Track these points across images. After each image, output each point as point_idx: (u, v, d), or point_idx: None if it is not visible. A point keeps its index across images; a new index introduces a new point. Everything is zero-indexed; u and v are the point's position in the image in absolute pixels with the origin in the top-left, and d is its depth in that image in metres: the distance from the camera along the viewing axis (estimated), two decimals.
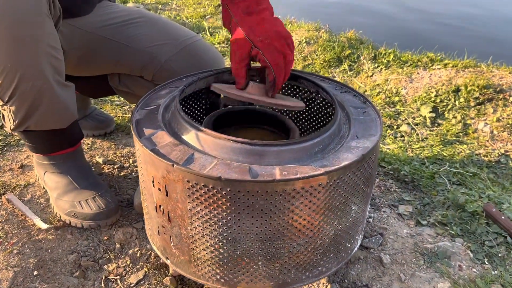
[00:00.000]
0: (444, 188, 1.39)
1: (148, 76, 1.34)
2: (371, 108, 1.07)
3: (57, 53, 1.01)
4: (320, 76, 1.23)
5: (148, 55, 1.31)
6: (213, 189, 0.82)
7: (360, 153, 0.89)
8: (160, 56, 1.30)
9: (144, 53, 1.30)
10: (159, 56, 1.30)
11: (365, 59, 2.34)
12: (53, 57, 1.00)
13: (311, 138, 0.89)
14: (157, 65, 1.31)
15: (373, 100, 2.02)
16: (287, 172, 0.83)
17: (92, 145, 1.58)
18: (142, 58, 1.31)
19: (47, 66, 0.99)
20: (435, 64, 2.14)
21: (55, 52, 1.01)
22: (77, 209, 1.19)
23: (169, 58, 1.31)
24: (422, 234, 1.21)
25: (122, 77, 1.40)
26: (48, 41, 0.97)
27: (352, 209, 0.94)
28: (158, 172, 0.88)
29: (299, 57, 2.47)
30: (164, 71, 1.32)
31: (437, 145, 1.67)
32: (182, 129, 0.93)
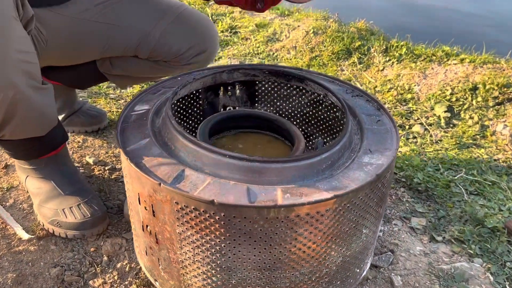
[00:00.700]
0: (460, 198, 1.29)
1: (143, 55, 1.24)
2: (386, 116, 0.96)
3: (29, 56, 0.90)
4: (329, 77, 1.12)
5: (141, 33, 1.20)
6: (205, 213, 0.71)
7: (373, 172, 0.78)
8: (154, 31, 1.20)
9: (135, 31, 1.20)
10: (153, 31, 1.20)
11: (375, 52, 2.21)
12: (24, 62, 0.89)
13: (318, 154, 0.78)
14: (152, 41, 1.21)
15: (384, 97, 1.90)
16: (290, 195, 0.72)
17: (83, 143, 1.47)
18: (135, 37, 1.21)
19: (17, 74, 0.88)
20: (450, 59, 2.01)
21: (26, 57, 0.89)
22: (60, 218, 1.09)
23: (164, 31, 1.21)
24: (437, 252, 1.11)
25: (114, 61, 1.29)
26: (17, 46, 0.86)
27: (363, 233, 0.84)
28: (144, 190, 0.78)
29: (306, 48, 2.34)
30: (161, 46, 1.22)
31: (453, 149, 1.56)
32: (173, 140, 0.83)
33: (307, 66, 2.22)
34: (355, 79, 2.08)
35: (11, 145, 1.07)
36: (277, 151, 1.02)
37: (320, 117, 1.12)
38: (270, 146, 1.03)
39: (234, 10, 2.95)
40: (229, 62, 2.29)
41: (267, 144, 1.04)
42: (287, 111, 1.16)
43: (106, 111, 1.62)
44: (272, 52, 2.39)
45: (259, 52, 2.39)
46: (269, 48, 2.44)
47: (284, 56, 2.35)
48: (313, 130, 1.16)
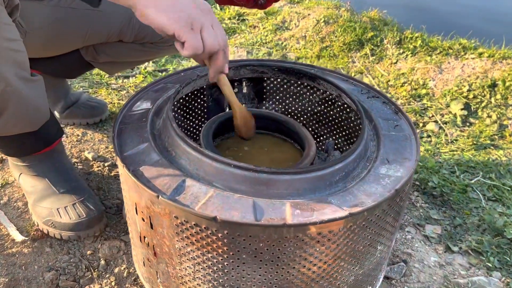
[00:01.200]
0: (478, 205, 1.22)
1: (128, 39, 1.18)
2: (405, 121, 0.89)
3: (17, 45, 0.83)
4: (343, 75, 1.04)
5: (123, 16, 1.14)
6: (206, 230, 0.65)
7: (392, 186, 0.71)
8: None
9: (119, 14, 1.14)
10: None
11: (389, 43, 2.12)
12: (12, 51, 0.82)
13: (331, 165, 0.72)
14: (136, 23, 1.15)
15: (397, 92, 1.82)
16: (300, 211, 0.66)
17: (82, 137, 1.41)
18: (118, 20, 1.15)
19: (7, 64, 0.82)
20: (468, 53, 1.92)
21: (14, 45, 0.83)
22: (55, 218, 1.04)
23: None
24: (453, 264, 1.04)
25: (98, 48, 1.23)
26: (3, 33, 0.79)
27: (378, 249, 0.77)
28: (142, 200, 0.71)
29: (316, 38, 2.25)
30: (145, 27, 1.14)
31: (469, 150, 1.48)
32: (174, 145, 0.76)
33: (317, 57, 2.14)
34: (367, 71, 2.00)
35: (1, 142, 1.01)
36: (286, 155, 0.96)
37: (331, 117, 1.05)
38: (278, 150, 0.96)
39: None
40: (235, 51, 2.21)
41: (274, 147, 0.97)
42: (296, 110, 1.09)
43: (106, 102, 1.55)
44: (281, 42, 2.31)
45: (267, 41, 2.31)
46: (278, 37, 2.35)
47: (293, 46, 2.26)
48: (323, 130, 1.09)
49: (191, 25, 0.71)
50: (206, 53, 0.75)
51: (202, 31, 0.73)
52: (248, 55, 2.19)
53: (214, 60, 0.78)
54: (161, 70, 1.90)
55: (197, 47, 0.72)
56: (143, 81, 1.78)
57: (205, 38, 0.73)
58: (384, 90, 1.85)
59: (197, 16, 0.72)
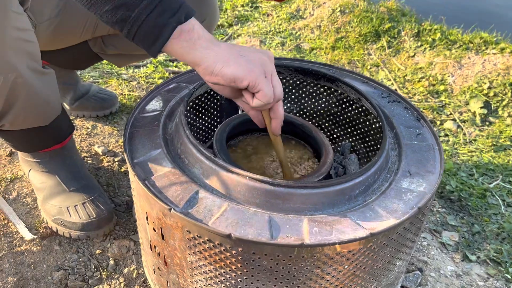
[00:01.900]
0: (497, 211, 1.18)
1: None
2: (427, 129, 0.85)
3: (28, 35, 0.81)
4: (362, 76, 1.00)
5: None
6: (220, 246, 0.63)
7: (414, 203, 0.68)
8: None
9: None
10: None
11: (406, 36, 2.05)
12: (23, 41, 0.79)
13: (351, 179, 0.68)
14: None
15: (414, 87, 1.77)
16: (318, 228, 0.63)
17: (92, 130, 1.39)
18: None
19: (18, 54, 0.79)
20: (489, 47, 1.85)
21: (26, 35, 0.80)
22: (64, 217, 1.02)
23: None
24: (471, 273, 1.01)
25: (106, 39, 1.20)
26: (14, 23, 0.76)
27: (396, 265, 0.75)
28: (153, 211, 0.69)
29: (331, 28, 2.19)
30: None
31: (488, 151, 1.44)
32: (187, 152, 0.73)
33: (332, 48, 2.08)
34: (383, 65, 1.94)
35: (11, 136, 0.98)
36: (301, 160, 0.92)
37: (348, 118, 1.01)
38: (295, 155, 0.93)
39: None
40: (248, 40, 2.16)
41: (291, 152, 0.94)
42: (312, 110, 1.06)
43: (117, 93, 1.53)
44: (295, 31, 2.25)
45: (281, 31, 2.25)
46: (292, 26, 2.29)
47: (308, 36, 2.21)
48: (339, 132, 1.06)
49: (264, 73, 0.67)
50: (275, 101, 0.70)
51: (272, 78, 0.68)
52: (261, 45, 2.14)
53: (277, 110, 0.73)
54: (172, 59, 1.86)
55: (270, 96, 0.68)
56: (154, 71, 1.75)
57: (275, 85, 0.69)
58: (400, 85, 1.80)
59: (266, 63, 0.68)
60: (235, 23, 2.32)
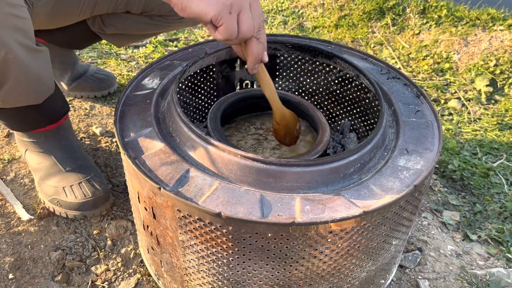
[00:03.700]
0: (500, 190, 1.16)
1: (136, 10, 1.12)
2: (427, 105, 0.83)
3: (20, 11, 0.79)
4: (361, 53, 0.97)
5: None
6: (210, 225, 0.62)
7: (410, 181, 0.66)
8: None
9: None
10: None
11: (411, 13, 2.00)
12: (15, 17, 0.77)
13: (346, 156, 0.67)
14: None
15: (419, 65, 1.73)
16: (310, 207, 0.61)
17: (90, 111, 1.38)
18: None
19: (9, 30, 0.77)
20: (497, 24, 1.80)
21: (17, 11, 0.78)
22: (60, 196, 1.02)
23: None
24: (471, 253, 1.00)
25: (105, 18, 1.17)
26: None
27: (393, 244, 0.73)
28: (144, 190, 0.68)
29: (334, 6, 2.14)
30: (153, 0, 1.09)
31: (493, 129, 1.41)
32: (178, 130, 0.72)
33: (335, 26, 2.04)
34: (387, 43, 1.90)
35: (5, 115, 0.97)
36: None
37: (348, 96, 0.98)
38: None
39: None
40: None
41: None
42: (310, 88, 1.03)
43: (115, 74, 1.51)
44: (298, 9, 2.20)
45: (283, 9, 2.21)
46: (294, 4, 2.24)
47: (311, 14, 2.16)
48: (339, 110, 1.03)
49: (230, 8, 0.65)
50: (240, 38, 0.68)
51: (240, 14, 0.66)
52: None
53: (249, 48, 0.71)
54: (172, 39, 1.83)
55: (231, 32, 0.66)
56: (153, 51, 1.72)
57: (241, 21, 0.66)
58: (404, 64, 1.76)
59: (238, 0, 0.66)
60: None
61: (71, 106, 1.39)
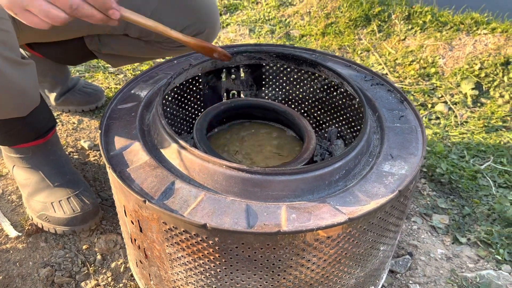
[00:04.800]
0: (488, 192, 1.17)
1: (134, 33, 1.12)
2: (411, 110, 0.83)
3: (3, 24, 0.78)
4: (346, 60, 0.98)
5: (131, 8, 1.07)
6: (196, 237, 0.61)
7: (395, 186, 0.67)
8: (145, 7, 1.06)
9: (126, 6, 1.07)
10: (143, 7, 1.07)
11: (397, 19, 2.03)
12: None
13: (330, 163, 0.67)
14: None
15: (405, 71, 1.75)
16: (296, 215, 0.62)
17: (78, 125, 1.37)
18: None
19: None
20: (480, 28, 1.83)
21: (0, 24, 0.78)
22: (49, 212, 1.01)
23: (156, 8, 1.07)
24: (461, 256, 1.00)
25: (102, 38, 1.17)
26: None
27: (381, 250, 0.73)
28: (129, 204, 0.68)
29: (321, 14, 2.16)
30: None
31: (479, 132, 1.42)
32: (163, 142, 0.72)
33: (322, 34, 2.06)
34: (374, 49, 1.92)
35: None
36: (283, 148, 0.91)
37: (334, 104, 0.99)
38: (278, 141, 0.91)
39: None
40: (238, 29, 2.14)
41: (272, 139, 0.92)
42: (297, 96, 1.04)
43: (103, 88, 1.51)
44: (284, 18, 2.22)
45: (270, 18, 2.23)
46: (281, 13, 2.26)
47: (297, 23, 2.18)
48: (325, 117, 1.04)
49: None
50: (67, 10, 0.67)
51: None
52: (250, 33, 2.12)
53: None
54: None
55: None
56: (141, 64, 1.72)
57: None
58: (391, 69, 1.78)
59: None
60: (224, 12, 2.29)
61: (59, 120, 1.38)
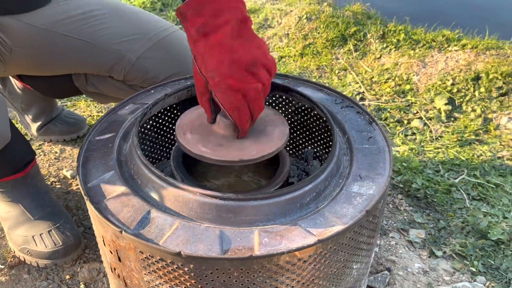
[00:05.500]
0: (462, 205, 1.20)
1: (118, 76, 1.15)
2: (378, 131, 0.87)
3: None
4: (317, 84, 1.02)
5: (115, 53, 1.10)
6: (172, 264, 0.63)
7: (363, 206, 0.69)
8: (130, 53, 1.10)
9: (111, 51, 1.10)
10: (129, 53, 1.10)
11: (372, 38, 2.09)
12: None
13: (301, 186, 0.70)
14: (127, 64, 1.11)
15: (381, 88, 1.80)
16: (268, 239, 0.64)
17: (60, 154, 1.39)
18: (109, 57, 1.10)
19: None
20: (451, 44, 1.89)
21: None
22: (30, 246, 1.02)
23: (141, 56, 1.10)
24: (437, 269, 1.03)
25: (89, 77, 1.20)
26: None
27: (354, 268, 0.76)
28: (107, 234, 0.69)
29: (299, 35, 2.22)
30: (136, 71, 1.12)
31: (454, 146, 1.47)
32: (139, 173, 0.74)
33: (300, 55, 2.11)
34: (351, 68, 1.98)
35: None
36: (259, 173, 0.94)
37: (309, 126, 1.02)
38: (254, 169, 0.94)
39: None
40: None
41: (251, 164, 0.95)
42: None
43: (85, 117, 1.53)
44: (264, 41, 2.27)
45: None
46: (261, 35, 2.32)
47: (277, 45, 2.23)
48: (302, 139, 1.07)
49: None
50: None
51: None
52: None
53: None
54: None
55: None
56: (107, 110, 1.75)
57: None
58: (368, 87, 1.83)
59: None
60: None
61: (40, 150, 1.40)
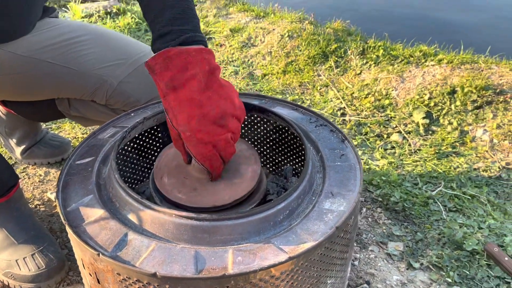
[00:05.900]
0: (439, 217, 1.23)
1: (101, 101, 1.17)
2: (350, 149, 0.90)
3: None
4: (293, 104, 1.06)
5: (97, 78, 1.13)
6: (149, 285, 0.65)
7: (333, 223, 0.72)
8: (111, 78, 1.13)
9: (92, 76, 1.12)
10: (110, 78, 1.13)
11: (352, 54, 2.15)
12: None
13: (274, 205, 0.72)
14: (109, 88, 1.14)
15: (362, 104, 1.84)
16: (242, 257, 0.66)
17: (45, 177, 1.40)
18: (91, 82, 1.13)
19: None
20: (428, 59, 1.95)
21: None
22: (14, 270, 1.03)
23: (123, 80, 1.13)
24: (415, 281, 1.06)
25: (72, 102, 1.22)
26: None
27: (328, 283, 0.78)
28: (86, 257, 0.71)
29: (281, 53, 2.27)
30: (118, 95, 1.14)
31: (431, 159, 1.50)
32: (117, 196, 0.76)
33: (283, 72, 2.16)
34: (332, 84, 2.02)
35: None
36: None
37: (286, 144, 1.06)
38: None
39: (208, 14, 2.86)
40: None
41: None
42: (252, 138, 1.10)
43: (70, 139, 1.54)
44: (247, 59, 2.32)
45: (234, 59, 2.32)
46: (244, 54, 2.36)
47: (260, 63, 2.28)
48: (281, 156, 1.10)
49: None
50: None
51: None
52: None
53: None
54: None
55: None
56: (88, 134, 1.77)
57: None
58: (349, 103, 1.87)
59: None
60: None
61: (25, 173, 1.41)
